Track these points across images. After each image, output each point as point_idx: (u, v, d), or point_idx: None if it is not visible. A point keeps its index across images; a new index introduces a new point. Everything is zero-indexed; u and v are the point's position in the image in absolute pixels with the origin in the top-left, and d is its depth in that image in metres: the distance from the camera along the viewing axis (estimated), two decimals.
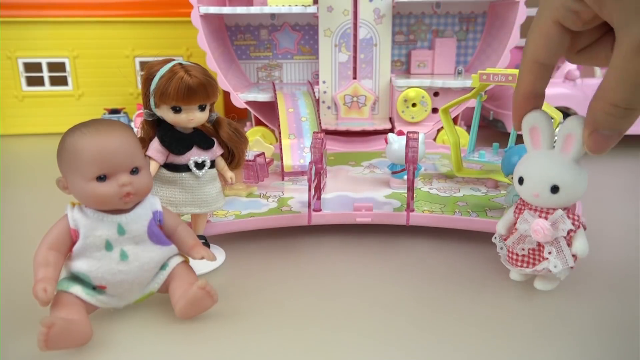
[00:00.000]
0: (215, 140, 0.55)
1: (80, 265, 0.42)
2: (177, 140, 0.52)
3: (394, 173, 0.72)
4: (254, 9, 0.95)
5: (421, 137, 0.66)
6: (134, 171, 0.43)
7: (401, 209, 0.62)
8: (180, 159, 0.52)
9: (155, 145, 0.52)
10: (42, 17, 1.15)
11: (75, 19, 1.16)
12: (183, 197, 0.53)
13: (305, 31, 1.10)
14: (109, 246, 0.42)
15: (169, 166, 0.53)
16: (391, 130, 0.97)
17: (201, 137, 0.53)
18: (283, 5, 0.95)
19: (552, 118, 0.43)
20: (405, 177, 0.67)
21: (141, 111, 1.13)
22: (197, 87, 0.49)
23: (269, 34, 1.10)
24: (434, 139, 1.01)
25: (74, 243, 0.42)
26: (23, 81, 1.19)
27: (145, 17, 1.17)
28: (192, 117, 0.51)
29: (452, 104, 0.73)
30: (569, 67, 1.01)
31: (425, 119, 1.00)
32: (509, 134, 0.74)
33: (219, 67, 0.96)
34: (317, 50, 1.05)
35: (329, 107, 1.03)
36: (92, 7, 1.17)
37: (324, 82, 1.03)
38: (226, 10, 0.95)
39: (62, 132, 0.43)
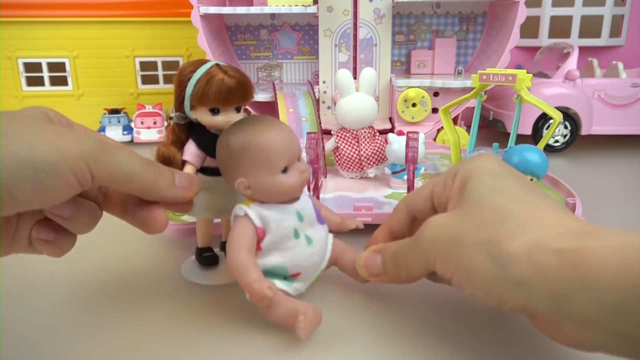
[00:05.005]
0: None
1: (274, 259, 0.44)
2: (214, 143, 0.49)
3: (394, 173, 0.72)
4: (254, 9, 0.95)
5: (421, 137, 0.66)
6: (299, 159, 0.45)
7: None
8: (215, 162, 0.50)
9: (191, 149, 0.50)
10: (42, 17, 1.15)
11: (75, 19, 1.15)
12: (222, 201, 0.52)
13: (305, 31, 1.10)
14: (296, 234, 0.44)
15: (205, 170, 0.51)
16: (391, 130, 0.97)
17: None
18: (283, 5, 0.95)
19: (551, 118, 0.43)
20: (405, 177, 0.67)
21: (141, 111, 1.13)
22: (236, 88, 0.47)
23: (269, 34, 1.10)
24: (434, 139, 1.01)
25: (258, 242, 0.43)
26: (23, 81, 1.19)
27: (145, 17, 1.17)
28: (229, 119, 0.48)
29: (452, 104, 0.73)
30: (569, 66, 1.01)
31: (425, 119, 1.00)
32: (509, 134, 0.74)
33: None
34: (317, 50, 1.05)
35: (329, 107, 1.03)
36: (92, 7, 1.17)
37: (324, 82, 1.03)
38: (226, 10, 0.95)
39: None
